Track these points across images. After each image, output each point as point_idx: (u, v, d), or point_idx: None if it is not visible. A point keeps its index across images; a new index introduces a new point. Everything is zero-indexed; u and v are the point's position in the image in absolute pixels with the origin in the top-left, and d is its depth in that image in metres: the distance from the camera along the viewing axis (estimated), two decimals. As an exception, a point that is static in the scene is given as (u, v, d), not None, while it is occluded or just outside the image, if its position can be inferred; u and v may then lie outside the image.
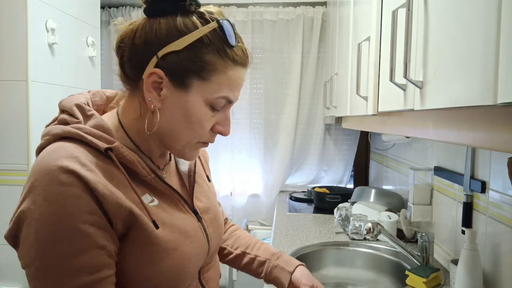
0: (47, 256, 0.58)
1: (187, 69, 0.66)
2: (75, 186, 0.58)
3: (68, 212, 0.58)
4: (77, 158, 0.61)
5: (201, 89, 0.67)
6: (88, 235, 0.59)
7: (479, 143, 0.54)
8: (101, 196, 0.60)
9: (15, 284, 1.70)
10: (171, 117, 0.68)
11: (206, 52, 0.66)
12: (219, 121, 0.72)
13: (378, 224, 1.38)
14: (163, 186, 0.71)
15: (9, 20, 1.65)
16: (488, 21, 0.45)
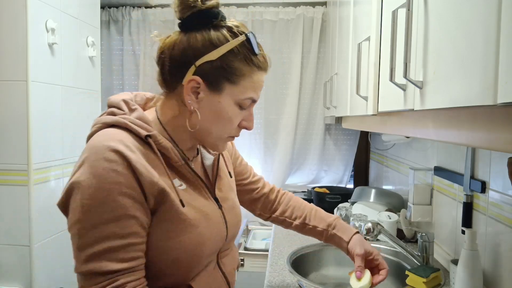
0: (86, 220, 0.69)
1: (220, 75, 0.78)
2: (118, 163, 0.70)
3: (109, 185, 0.69)
4: (122, 141, 0.73)
5: (231, 91, 0.79)
6: (123, 206, 0.69)
7: (479, 143, 0.54)
8: (139, 173, 0.71)
9: (15, 284, 1.70)
10: (206, 116, 0.80)
11: (235, 60, 0.78)
12: (245, 118, 0.84)
13: (378, 224, 1.38)
14: (190, 173, 0.83)
15: (9, 20, 1.65)
16: (488, 21, 0.45)
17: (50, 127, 1.83)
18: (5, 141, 1.68)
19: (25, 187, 1.68)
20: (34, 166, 1.70)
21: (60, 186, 1.91)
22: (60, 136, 1.90)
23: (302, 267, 1.53)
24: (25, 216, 1.68)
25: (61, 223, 1.91)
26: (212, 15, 0.78)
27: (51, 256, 1.82)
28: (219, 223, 0.86)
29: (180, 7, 0.79)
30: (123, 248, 0.70)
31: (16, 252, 1.69)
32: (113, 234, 0.69)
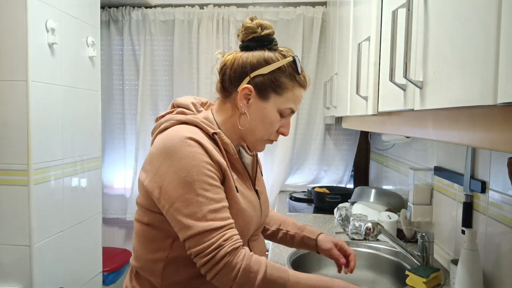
0: (188, 192, 0.85)
1: (268, 87, 0.96)
2: (198, 147, 0.88)
3: (197, 162, 0.86)
4: (196, 133, 0.91)
5: (276, 100, 0.97)
6: (212, 177, 0.88)
7: (479, 143, 0.54)
8: (212, 155, 0.89)
9: (15, 284, 1.70)
10: (254, 118, 0.98)
11: (282, 76, 0.96)
12: (283, 125, 1.01)
13: (378, 224, 1.38)
14: (241, 165, 1.01)
15: (9, 20, 1.65)
16: (488, 21, 0.45)
17: (50, 127, 1.83)
18: (5, 141, 1.68)
19: (25, 187, 1.68)
20: (34, 166, 1.70)
21: (60, 186, 1.91)
22: (60, 136, 1.90)
23: (302, 267, 1.53)
24: (25, 216, 1.68)
25: (61, 223, 1.91)
26: (268, 40, 0.98)
27: (51, 256, 1.82)
28: (257, 211, 1.03)
29: (245, 32, 1.00)
30: (220, 209, 0.87)
31: (16, 252, 1.69)
32: (212, 199, 0.86)
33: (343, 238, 1.76)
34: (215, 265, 0.84)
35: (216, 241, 0.84)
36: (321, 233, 1.24)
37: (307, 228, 1.27)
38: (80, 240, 2.09)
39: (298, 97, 0.99)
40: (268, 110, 0.97)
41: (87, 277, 2.18)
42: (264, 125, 0.98)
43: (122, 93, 2.83)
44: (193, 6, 2.71)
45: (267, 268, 0.87)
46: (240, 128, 0.98)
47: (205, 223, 0.84)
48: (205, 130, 0.94)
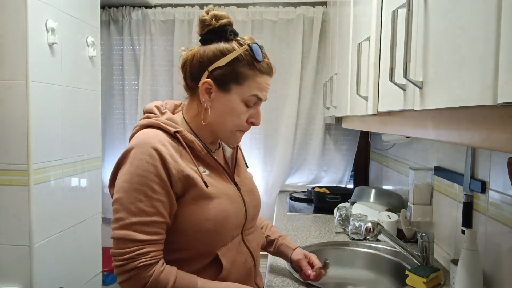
0: (125, 198, 0.88)
1: (228, 78, 0.96)
2: (152, 156, 0.89)
3: (142, 172, 0.88)
4: (157, 137, 0.92)
5: (238, 91, 0.96)
6: (152, 189, 0.88)
7: (479, 143, 0.54)
8: (168, 163, 0.89)
9: (15, 284, 1.70)
10: (218, 112, 0.98)
11: (240, 65, 0.95)
12: (252, 115, 1.00)
13: (378, 224, 1.38)
14: (212, 160, 1.01)
15: (9, 20, 1.65)
16: (488, 21, 0.45)
17: (50, 127, 1.83)
18: (5, 141, 1.68)
19: (25, 187, 1.68)
20: (34, 166, 1.70)
21: (60, 186, 1.91)
22: (60, 136, 1.90)
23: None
24: (25, 216, 1.68)
25: (61, 223, 1.91)
26: (223, 31, 0.97)
27: (51, 256, 1.82)
28: (239, 202, 1.03)
29: (200, 26, 1.00)
30: (148, 223, 0.87)
31: (16, 252, 1.69)
32: (143, 211, 0.87)
33: (343, 238, 1.76)
34: (122, 273, 0.87)
35: (131, 252, 0.86)
36: (298, 246, 1.31)
37: (287, 239, 1.33)
38: (80, 240, 2.09)
39: (263, 85, 0.98)
40: (232, 101, 0.97)
41: (87, 277, 2.18)
42: (231, 118, 0.98)
43: (122, 93, 2.83)
44: (193, 6, 2.71)
45: (176, 281, 0.88)
46: (203, 123, 0.99)
47: (128, 231, 0.87)
48: (167, 130, 0.95)
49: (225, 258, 0.97)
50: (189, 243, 0.95)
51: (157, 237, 0.89)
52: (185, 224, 0.93)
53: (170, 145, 0.92)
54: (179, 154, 0.94)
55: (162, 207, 0.89)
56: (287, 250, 1.29)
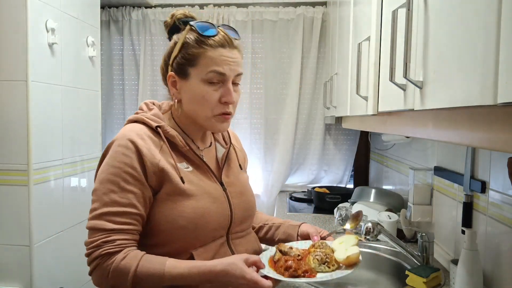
0: (100, 189, 0.90)
1: (183, 64, 0.97)
2: (128, 147, 0.90)
3: (117, 164, 0.90)
4: (136, 131, 0.94)
5: (195, 73, 0.95)
6: (126, 181, 0.89)
7: (479, 143, 0.54)
8: (143, 155, 0.90)
9: (15, 284, 1.70)
10: (188, 101, 0.99)
11: (189, 47, 0.96)
12: (222, 94, 0.96)
13: (378, 224, 1.38)
14: (195, 157, 0.99)
15: (9, 20, 1.65)
16: (488, 21, 0.45)
17: (50, 127, 1.83)
18: (5, 141, 1.68)
19: (25, 187, 1.68)
20: (34, 166, 1.70)
21: (60, 186, 1.91)
22: (60, 136, 1.90)
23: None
24: (25, 216, 1.68)
25: (61, 223, 1.91)
26: (176, 26, 1.00)
27: (51, 256, 1.82)
28: (222, 202, 1.00)
29: (165, 30, 1.04)
30: (120, 214, 0.88)
31: (16, 252, 1.69)
32: (115, 201, 0.88)
33: (343, 238, 1.76)
34: (90, 262, 0.89)
35: (97, 241, 0.87)
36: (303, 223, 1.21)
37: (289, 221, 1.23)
38: (80, 240, 2.08)
39: (218, 58, 0.95)
40: (194, 86, 0.96)
41: (87, 277, 2.18)
42: (200, 102, 0.96)
43: (122, 93, 2.83)
44: (193, 6, 2.71)
45: (139, 264, 0.86)
46: (174, 117, 1.01)
47: (98, 221, 0.88)
48: (149, 124, 0.96)
49: (200, 259, 0.93)
50: (164, 240, 0.93)
51: (127, 226, 0.88)
52: (160, 219, 0.92)
53: (149, 139, 0.93)
54: (159, 148, 0.94)
55: (135, 198, 0.89)
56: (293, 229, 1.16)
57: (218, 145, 1.11)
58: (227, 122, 1.01)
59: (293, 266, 0.91)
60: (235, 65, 0.97)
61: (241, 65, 1.00)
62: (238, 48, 0.99)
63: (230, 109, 0.99)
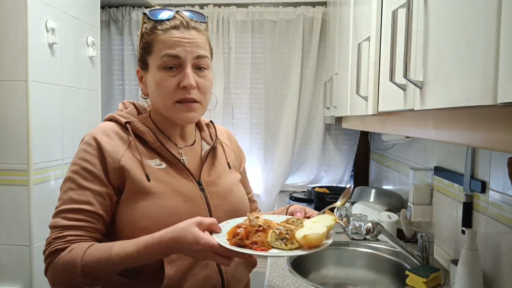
0: (61, 188, 0.89)
1: (143, 56, 0.94)
2: (90, 144, 0.89)
3: (78, 160, 0.88)
4: (104, 129, 0.92)
5: (152, 62, 0.92)
6: (85, 178, 0.87)
7: (479, 143, 0.54)
8: (105, 151, 0.88)
9: (15, 284, 1.70)
10: (151, 93, 0.95)
11: (145, 35, 0.93)
12: (180, 79, 0.90)
13: (378, 224, 1.38)
14: (168, 154, 0.93)
15: (9, 20, 1.65)
16: (488, 21, 0.45)
17: (50, 127, 1.83)
18: (5, 141, 1.68)
19: (25, 187, 1.68)
20: (34, 166, 1.70)
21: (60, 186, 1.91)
22: (60, 136, 1.90)
23: (302, 267, 1.53)
24: (25, 216, 1.68)
25: (61, 223, 1.91)
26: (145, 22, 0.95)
27: (51, 256, 1.82)
28: (197, 203, 0.92)
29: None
30: (74, 211, 0.85)
31: (16, 252, 1.69)
32: (71, 199, 0.86)
33: (343, 238, 1.76)
34: (44, 262, 0.85)
35: (50, 238, 0.84)
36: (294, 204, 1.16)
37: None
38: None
39: (170, 40, 0.89)
40: (152, 75, 0.92)
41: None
42: (158, 91, 0.91)
43: (122, 93, 2.83)
44: (193, 6, 2.71)
45: (86, 253, 0.80)
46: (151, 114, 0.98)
47: (55, 219, 0.86)
48: (119, 121, 0.93)
49: (171, 266, 0.85)
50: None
51: (80, 223, 0.84)
52: (122, 221, 0.87)
53: (116, 136, 0.91)
54: (126, 145, 0.90)
55: (92, 196, 0.86)
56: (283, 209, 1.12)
57: (204, 143, 1.04)
58: (193, 111, 0.93)
59: (241, 235, 0.79)
60: (192, 46, 0.90)
61: (202, 46, 0.92)
62: (198, 29, 0.93)
63: (193, 95, 0.91)
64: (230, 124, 2.76)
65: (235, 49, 2.70)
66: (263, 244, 0.80)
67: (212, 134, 1.07)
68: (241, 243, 0.78)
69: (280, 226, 0.83)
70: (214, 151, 1.04)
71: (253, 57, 2.73)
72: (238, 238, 0.79)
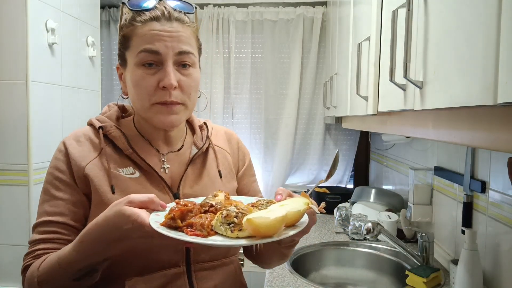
0: (39, 200, 0.85)
1: (121, 51, 0.84)
2: (60, 150, 0.83)
3: (50, 169, 0.83)
4: (76, 134, 0.85)
5: (130, 57, 0.82)
6: (56, 187, 0.81)
7: (479, 143, 0.54)
8: (72, 158, 0.81)
9: (15, 284, 1.70)
10: (129, 92, 0.85)
11: (124, 29, 0.83)
12: (160, 78, 0.79)
13: (378, 224, 1.38)
14: (141, 162, 0.83)
15: (9, 20, 1.65)
16: (488, 21, 0.45)
17: (50, 127, 1.83)
18: (5, 141, 1.68)
19: (25, 187, 1.68)
20: (34, 166, 1.70)
21: (60, 186, 1.91)
22: (60, 136, 1.90)
23: (302, 267, 1.53)
24: (25, 216, 1.68)
25: (61, 223, 1.91)
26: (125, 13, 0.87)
27: (51, 256, 1.82)
28: None
29: None
30: (47, 223, 0.79)
31: (16, 252, 1.68)
32: (45, 212, 0.81)
33: (343, 238, 1.77)
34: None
35: (24, 255, 0.79)
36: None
37: None
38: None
39: (148, 34, 0.78)
40: (130, 72, 0.82)
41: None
42: (135, 91, 0.81)
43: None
44: (193, 6, 2.70)
45: (41, 264, 0.74)
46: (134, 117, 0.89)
47: (32, 234, 0.81)
48: (95, 126, 0.85)
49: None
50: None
51: (51, 235, 0.78)
52: None
53: (88, 141, 0.83)
54: (98, 151, 0.82)
55: (64, 205, 0.79)
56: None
57: (194, 149, 0.91)
58: (175, 113, 0.81)
59: (173, 214, 0.64)
60: (173, 40, 0.79)
61: (185, 41, 0.81)
62: (182, 20, 0.82)
63: (174, 96, 0.79)
64: (230, 124, 2.76)
65: (235, 49, 2.70)
66: (203, 227, 0.63)
67: (204, 137, 0.94)
68: (172, 224, 0.64)
69: (231, 207, 0.67)
70: (204, 157, 0.92)
71: (253, 57, 2.73)
72: (169, 217, 0.64)
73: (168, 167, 0.87)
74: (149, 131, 0.87)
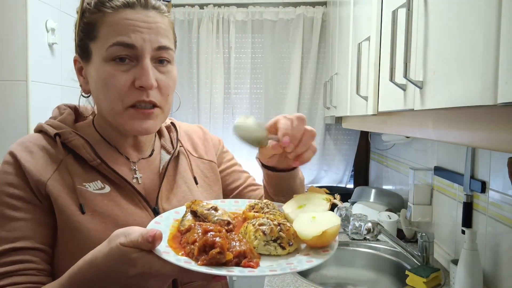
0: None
1: (83, 39, 0.70)
2: (10, 163, 0.67)
3: (1, 187, 0.65)
4: (25, 143, 0.69)
5: (96, 50, 0.68)
6: (12, 206, 0.64)
7: (479, 143, 0.54)
8: (27, 172, 0.65)
9: (15, 284, 1.70)
10: (93, 91, 0.72)
11: (88, 15, 0.68)
12: (136, 76, 0.67)
13: (378, 224, 1.38)
14: (112, 173, 0.70)
15: (9, 20, 1.65)
16: (488, 21, 0.45)
17: (50, 127, 1.83)
18: (5, 141, 1.68)
19: (25, 187, 1.68)
20: (34, 166, 1.70)
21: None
22: (60, 136, 1.91)
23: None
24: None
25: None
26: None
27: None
28: None
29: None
30: (7, 252, 0.63)
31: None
32: (1, 239, 0.63)
33: (343, 238, 1.76)
34: None
35: None
36: None
37: None
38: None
39: (122, 24, 0.66)
40: (96, 67, 0.68)
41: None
42: (102, 90, 0.68)
43: (122, 93, 2.83)
44: (193, 6, 2.70)
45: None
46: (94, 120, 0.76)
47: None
48: (48, 133, 0.71)
49: None
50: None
51: (15, 267, 0.62)
52: (57, 265, 0.66)
53: (43, 151, 0.68)
54: (57, 164, 0.68)
55: (27, 227, 0.64)
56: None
57: (164, 153, 0.80)
58: (152, 119, 0.70)
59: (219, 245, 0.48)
60: (152, 32, 0.67)
61: (164, 34, 0.69)
62: (160, 9, 0.70)
63: (152, 97, 0.68)
64: (231, 125, 2.76)
65: (235, 49, 2.70)
66: (252, 254, 0.51)
67: (174, 139, 0.82)
68: (221, 259, 0.48)
69: (264, 219, 0.55)
70: (176, 162, 0.80)
71: (253, 57, 2.73)
72: (217, 252, 0.48)
73: (140, 177, 0.75)
74: (116, 136, 0.75)
